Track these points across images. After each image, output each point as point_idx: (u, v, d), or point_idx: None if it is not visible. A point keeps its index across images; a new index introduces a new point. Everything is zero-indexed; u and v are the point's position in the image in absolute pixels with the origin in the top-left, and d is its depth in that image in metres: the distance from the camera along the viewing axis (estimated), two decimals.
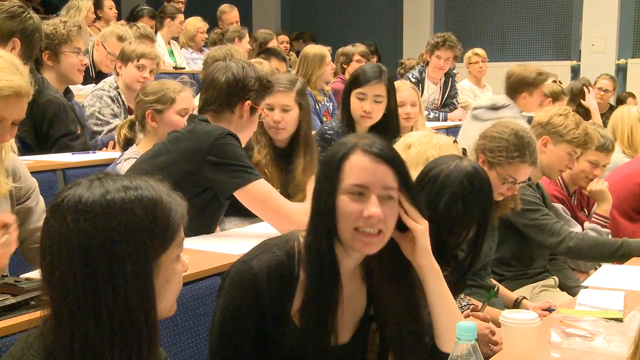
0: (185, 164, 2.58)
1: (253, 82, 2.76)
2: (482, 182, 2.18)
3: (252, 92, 2.75)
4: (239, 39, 6.97)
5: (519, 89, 4.81)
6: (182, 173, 2.51)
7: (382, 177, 1.67)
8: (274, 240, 1.79)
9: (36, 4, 8.53)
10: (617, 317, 2.10)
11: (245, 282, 1.70)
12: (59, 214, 1.24)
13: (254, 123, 2.85)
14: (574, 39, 10.08)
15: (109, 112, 4.29)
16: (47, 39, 3.75)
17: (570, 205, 3.74)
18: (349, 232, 1.66)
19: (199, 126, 2.68)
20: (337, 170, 1.67)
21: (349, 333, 1.79)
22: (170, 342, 2.11)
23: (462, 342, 1.44)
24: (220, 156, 2.58)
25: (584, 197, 3.93)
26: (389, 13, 11.26)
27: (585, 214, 3.88)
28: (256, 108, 2.79)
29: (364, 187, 1.65)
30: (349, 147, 1.69)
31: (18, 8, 3.43)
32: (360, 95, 3.64)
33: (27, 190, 2.32)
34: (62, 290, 1.21)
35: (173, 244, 1.30)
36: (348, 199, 1.66)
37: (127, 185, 1.27)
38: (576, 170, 3.65)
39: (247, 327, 1.71)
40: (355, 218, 1.65)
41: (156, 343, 1.29)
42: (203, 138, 2.60)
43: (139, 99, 3.22)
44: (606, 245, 3.21)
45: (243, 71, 2.76)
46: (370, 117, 3.65)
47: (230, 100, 2.74)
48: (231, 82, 2.73)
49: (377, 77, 3.63)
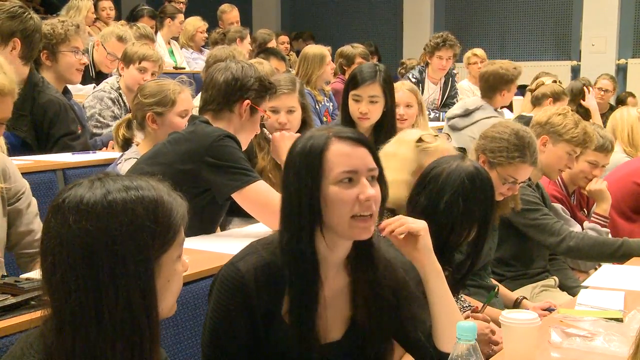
0: (184, 164, 2.59)
1: (252, 81, 2.75)
2: (484, 181, 2.19)
3: (250, 92, 2.75)
4: (241, 40, 6.97)
5: (498, 86, 4.86)
6: (181, 174, 2.52)
7: (365, 159, 1.69)
8: (260, 241, 1.79)
9: (36, 4, 8.53)
10: (617, 317, 2.10)
11: (233, 285, 1.70)
12: (60, 215, 1.24)
13: (255, 124, 2.83)
14: (574, 39, 10.08)
15: (109, 115, 4.30)
16: (44, 39, 3.74)
17: (570, 205, 3.74)
18: (345, 222, 1.66)
19: (199, 127, 2.68)
20: (319, 164, 1.66)
21: (341, 330, 1.80)
22: (170, 342, 2.12)
23: (462, 342, 1.44)
24: (218, 158, 2.58)
25: (583, 197, 3.93)
26: (389, 13, 11.26)
27: (585, 214, 3.88)
28: (256, 109, 2.78)
29: (353, 172, 1.66)
30: (323, 139, 1.69)
31: (19, 8, 3.43)
32: (356, 97, 3.63)
33: (17, 192, 2.30)
34: (64, 291, 1.21)
35: (174, 244, 1.30)
36: (339, 188, 1.66)
37: (128, 185, 1.27)
38: (575, 171, 3.65)
39: (238, 329, 1.71)
40: (352, 205, 1.65)
41: (157, 343, 1.29)
42: (202, 139, 2.61)
43: (138, 101, 3.21)
44: (606, 245, 3.21)
45: (242, 71, 2.76)
46: (368, 118, 3.64)
47: (229, 99, 2.74)
48: (229, 81, 2.73)
49: (371, 78, 3.61)
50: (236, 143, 2.66)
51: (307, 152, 1.69)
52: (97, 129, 4.30)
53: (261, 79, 2.79)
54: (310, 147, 1.69)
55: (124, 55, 4.45)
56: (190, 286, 2.18)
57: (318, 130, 1.75)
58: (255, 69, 2.82)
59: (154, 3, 9.08)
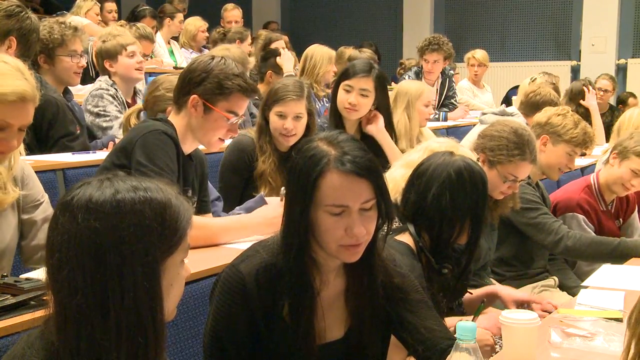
0: (119, 159, 2.52)
1: (202, 76, 2.52)
2: (473, 174, 2.18)
3: (199, 87, 2.52)
4: (241, 41, 6.96)
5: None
6: (115, 168, 2.44)
7: (360, 193, 1.65)
8: (261, 243, 1.80)
9: (36, 4, 8.53)
10: (617, 317, 2.10)
11: (235, 287, 1.71)
12: (68, 212, 1.24)
13: (216, 124, 2.57)
14: (574, 39, 10.08)
15: (113, 109, 4.29)
16: (41, 43, 3.74)
17: (597, 216, 3.57)
18: (332, 247, 1.67)
19: (140, 123, 2.65)
20: (313, 189, 1.64)
21: (341, 330, 1.81)
22: (170, 342, 2.12)
23: (462, 342, 1.44)
24: (139, 154, 2.47)
25: (622, 205, 3.76)
26: (389, 13, 11.26)
27: (620, 223, 3.74)
28: (210, 107, 2.54)
29: (344, 206, 1.64)
30: (322, 163, 1.64)
31: (16, 7, 3.43)
32: (347, 87, 3.61)
33: (34, 199, 2.28)
34: (70, 289, 1.21)
35: (179, 248, 1.30)
36: (329, 217, 1.65)
37: (137, 186, 1.27)
38: (614, 176, 3.52)
39: (239, 331, 1.72)
40: (339, 237, 1.65)
41: (163, 347, 1.28)
42: (133, 135, 2.54)
43: (159, 93, 3.16)
44: (604, 245, 3.20)
45: (198, 64, 2.57)
46: (356, 110, 3.61)
47: (179, 92, 2.60)
48: (183, 74, 2.61)
49: (365, 72, 3.61)
50: (169, 140, 2.50)
51: (305, 173, 1.66)
52: (107, 122, 4.26)
53: (220, 76, 2.53)
54: (308, 168, 1.65)
55: (105, 53, 4.38)
56: (190, 286, 2.18)
57: (326, 140, 1.70)
58: (223, 66, 2.56)
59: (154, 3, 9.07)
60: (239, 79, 2.56)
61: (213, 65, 2.54)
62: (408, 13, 10.92)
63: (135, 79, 4.46)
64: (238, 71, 2.58)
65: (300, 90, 3.28)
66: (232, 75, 2.55)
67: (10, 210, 2.21)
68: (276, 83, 3.45)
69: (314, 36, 10.19)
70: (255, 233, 2.53)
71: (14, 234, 2.24)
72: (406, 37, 10.88)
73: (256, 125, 3.37)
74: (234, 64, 2.62)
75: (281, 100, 3.25)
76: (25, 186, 2.25)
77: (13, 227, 2.23)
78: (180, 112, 2.60)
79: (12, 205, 2.21)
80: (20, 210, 2.25)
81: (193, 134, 2.60)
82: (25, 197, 2.25)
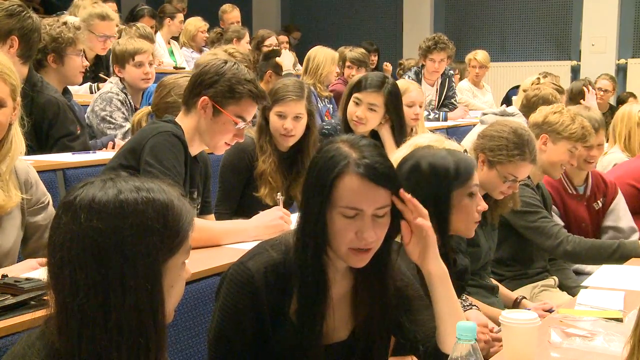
0: (127, 160, 2.53)
1: (215, 78, 2.55)
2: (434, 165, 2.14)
3: (210, 89, 2.55)
4: (238, 40, 6.97)
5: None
6: (121, 169, 2.47)
7: (376, 199, 1.66)
8: (269, 241, 1.80)
9: (36, 3, 8.53)
10: (617, 317, 2.10)
11: (243, 284, 1.71)
12: (71, 212, 1.24)
13: (225, 127, 2.58)
14: (574, 39, 10.08)
15: (120, 116, 4.29)
16: (53, 42, 3.76)
17: (561, 199, 3.64)
18: (342, 250, 1.68)
19: (149, 124, 2.65)
20: (330, 189, 1.65)
21: (347, 330, 1.81)
22: (170, 342, 2.11)
23: (462, 342, 1.44)
24: (147, 155, 2.48)
25: (600, 186, 3.77)
26: (389, 13, 11.26)
27: (598, 206, 3.73)
28: (220, 110, 2.56)
29: (358, 209, 1.65)
30: (342, 165, 1.65)
31: (17, 7, 3.43)
32: (357, 100, 3.63)
33: (37, 200, 2.29)
34: (72, 288, 1.21)
35: (181, 249, 1.31)
36: (342, 218, 1.66)
37: (140, 186, 1.28)
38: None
39: (245, 328, 1.72)
40: (349, 240, 1.66)
41: (164, 348, 1.28)
42: (142, 136, 2.56)
43: (171, 99, 3.15)
44: (603, 248, 3.20)
45: (210, 66, 2.58)
46: (363, 124, 3.64)
47: (190, 93, 2.61)
48: (194, 75, 2.62)
49: (376, 87, 3.61)
50: (178, 142, 2.51)
51: (324, 173, 1.67)
52: (111, 130, 4.28)
53: (233, 80, 2.55)
54: (327, 168, 1.66)
55: (115, 58, 4.43)
56: (190, 286, 2.17)
57: (347, 144, 1.69)
58: (235, 71, 2.59)
59: (154, 3, 9.07)
60: (250, 85, 2.58)
61: (226, 69, 2.57)
62: (408, 13, 10.92)
63: (142, 88, 4.46)
64: (250, 77, 2.61)
65: (300, 90, 3.28)
66: (244, 80, 2.57)
67: (16, 210, 2.21)
68: (276, 83, 3.45)
69: (314, 36, 10.21)
70: (255, 236, 2.56)
71: (18, 234, 2.25)
72: (406, 37, 10.89)
73: (256, 125, 3.37)
74: (247, 70, 2.65)
75: (281, 100, 3.25)
76: (29, 189, 2.26)
77: (17, 228, 2.24)
78: (189, 113, 2.61)
79: (17, 206, 2.21)
80: (24, 212, 2.26)
81: (200, 136, 2.61)
82: (29, 200, 2.26)
